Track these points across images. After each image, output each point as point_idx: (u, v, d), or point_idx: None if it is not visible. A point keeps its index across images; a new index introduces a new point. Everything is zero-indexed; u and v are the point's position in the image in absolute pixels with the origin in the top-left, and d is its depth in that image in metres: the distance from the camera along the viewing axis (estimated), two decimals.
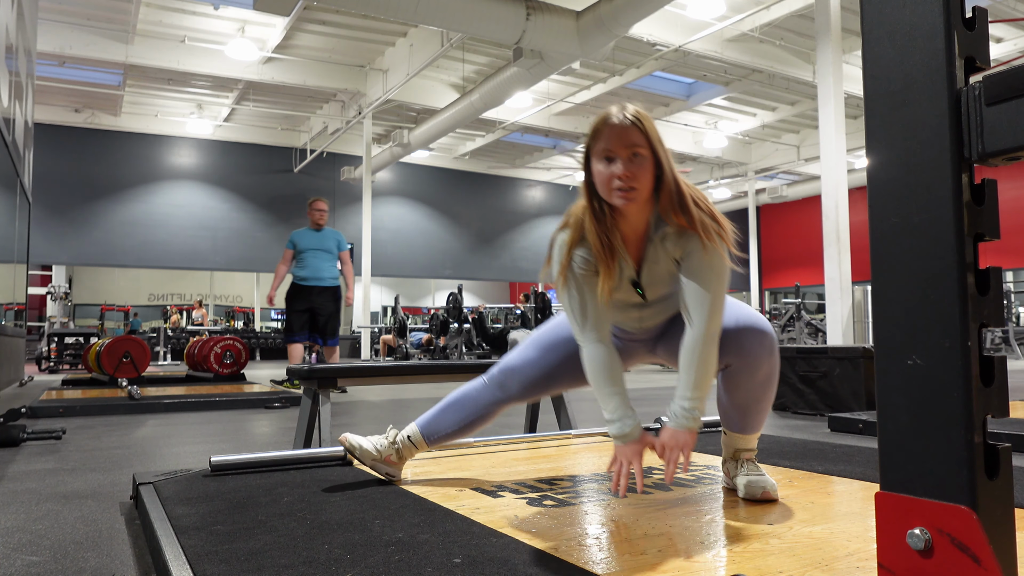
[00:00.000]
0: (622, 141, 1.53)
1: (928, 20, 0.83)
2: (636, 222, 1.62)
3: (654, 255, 1.63)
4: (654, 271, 1.65)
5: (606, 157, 1.54)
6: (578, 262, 1.64)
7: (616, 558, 1.28)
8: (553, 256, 1.68)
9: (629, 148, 1.53)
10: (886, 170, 0.87)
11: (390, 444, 1.96)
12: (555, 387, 1.91)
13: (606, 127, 1.54)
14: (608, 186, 1.54)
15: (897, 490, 0.86)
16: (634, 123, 1.53)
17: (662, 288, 1.69)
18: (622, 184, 1.52)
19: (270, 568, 1.23)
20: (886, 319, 0.87)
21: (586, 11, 9.27)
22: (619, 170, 1.52)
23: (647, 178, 1.55)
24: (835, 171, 7.49)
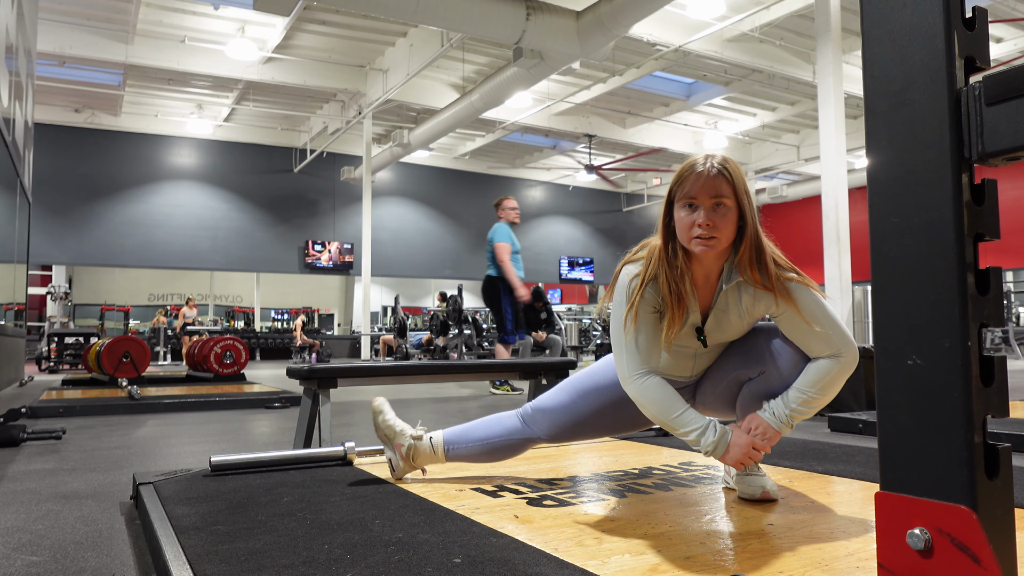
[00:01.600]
0: (707, 190, 1.51)
1: (928, 20, 0.83)
2: (710, 269, 1.60)
3: (724, 303, 1.61)
4: (721, 320, 1.63)
5: (689, 204, 1.53)
6: (646, 301, 1.60)
7: (616, 558, 1.28)
8: (618, 288, 1.64)
9: (714, 198, 1.51)
10: (886, 170, 0.87)
11: (412, 436, 1.94)
12: (584, 434, 1.88)
13: (692, 174, 1.53)
14: (688, 233, 1.53)
15: (897, 490, 0.86)
16: (721, 172, 1.52)
17: (724, 337, 1.67)
18: (703, 233, 1.51)
19: (270, 568, 1.23)
20: (886, 319, 0.87)
21: (586, 11, 9.26)
22: (701, 219, 1.51)
23: (729, 229, 1.53)
24: (835, 171, 7.49)
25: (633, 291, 1.60)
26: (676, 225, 1.56)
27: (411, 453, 1.94)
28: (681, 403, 1.59)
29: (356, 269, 17.82)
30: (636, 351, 1.61)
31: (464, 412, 4.76)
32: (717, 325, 1.64)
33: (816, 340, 1.56)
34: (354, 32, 12.24)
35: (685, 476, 2.01)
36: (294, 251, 17.71)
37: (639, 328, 1.60)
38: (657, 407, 1.59)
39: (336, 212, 18.22)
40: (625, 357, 1.62)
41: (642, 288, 1.60)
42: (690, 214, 1.53)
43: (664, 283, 1.58)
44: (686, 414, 1.57)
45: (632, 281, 1.61)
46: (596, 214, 21.96)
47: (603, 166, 17.33)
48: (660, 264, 1.59)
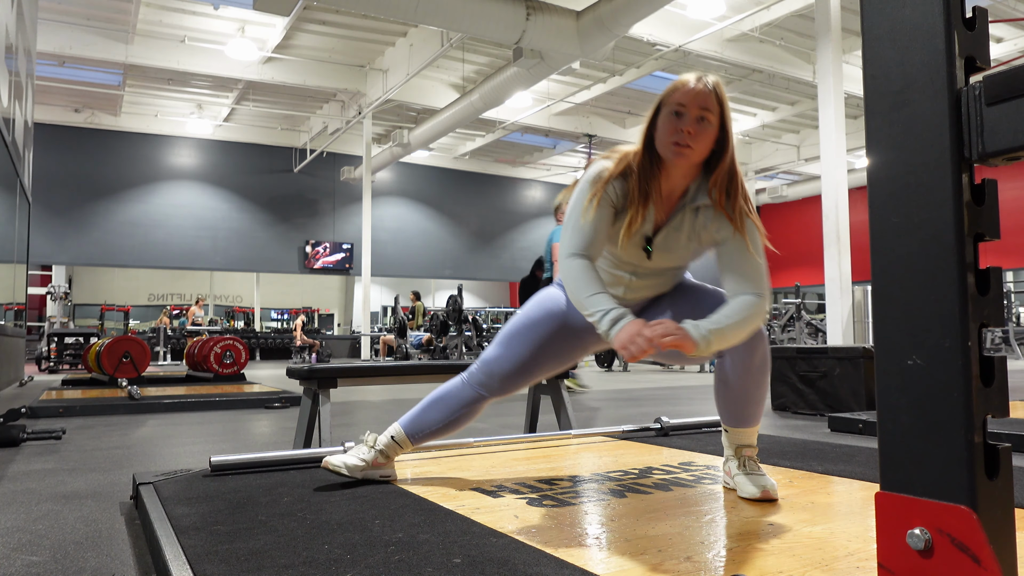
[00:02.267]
0: (696, 101, 1.58)
1: (928, 20, 0.83)
2: (676, 184, 1.65)
3: (678, 222, 1.67)
4: (671, 237, 1.68)
5: (676, 112, 1.58)
6: (610, 193, 1.65)
7: (616, 558, 1.28)
8: (585, 176, 1.69)
9: (701, 109, 1.57)
10: (886, 170, 0.87)
11: (373, 450, 1.94)
12: (531, 375, 1.89)
13: (686, 85, 1.60)
14: (668, 137, 1.58)
15: (897, 490, 0.86)
16: (712, 90, 1.60)
17: (669, 258, 1.72)
18: (682, 139, 1.56)
19: (270, 568, 1.23)
20: (886, 319, 0.87)
21: (586, 11, 9.27)
22: (685, 125, 1.56)
23: (705, 144, 1.59)
24: (835, 171, 7.49)
25: (601, 181, 1.65)
26: (658, 131, 1.60)
27: (387, 456, 1.95)
28: (599, 287, 1.61)
29: (356, 269, 17.81)
30: (583, 233, 1.64)
31: None
32: (665, 242, 1.69)
33: (750, 272, 1.62)
34: (354, 32, 12.24)
35: (685, 476, 2.01)
36: (294, 251, 17.71)
37: (596, 217, 1.64)
38: (576, 284, 1.62)
39: (336, 212, 18.21)
40: (570, 234, 1.66)
41: (609, 179, 1.65)
42: (675, 121, 1.58)
43: (635, 179, 1.63)
44: (598, 296, 1.60)
45: (602, 172, 1.66)
46: None
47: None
48: (636, 163, 1.63)
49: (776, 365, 4.71)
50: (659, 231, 1.68)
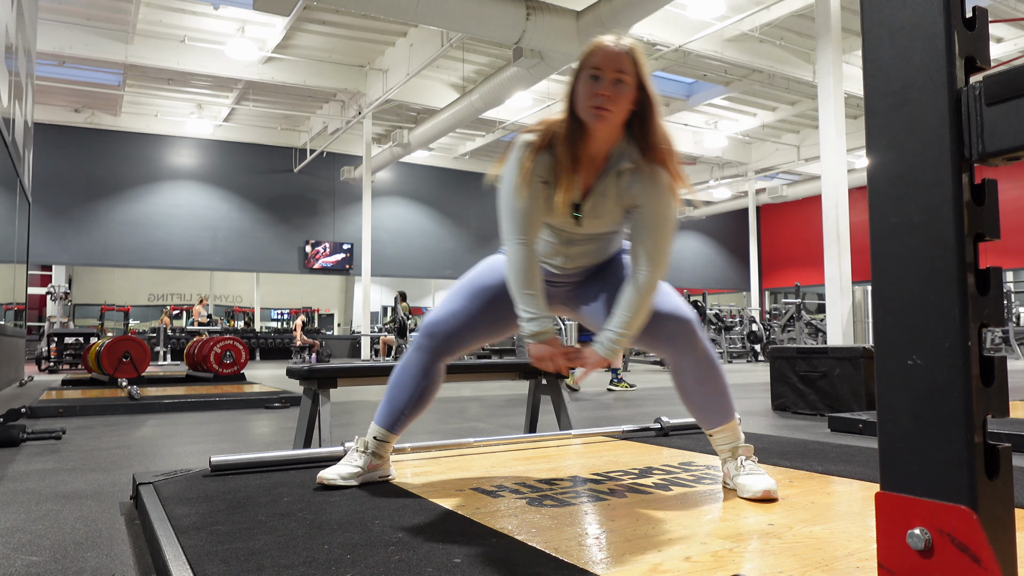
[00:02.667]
0: (611, 64, 1.58)
1: (928, 20, 0.83)
2: (599, 148, 1.66)
3: (603, 187, 1.68)
4: (599, 203, 1.69)
5: (593, 75, 1.59)
6: (538, 168, 1.66)
7: (616, 558, 1.28)
8: (512, 157, 1.68)
9: (616, 72, 1.58)
10: (886, 170, 0.87)
11: (364, 453, 1.92)
12: (478, 337, 1.88)
13: (601, 48, 1.60)
14: (587, 102, 1.58)
15: (897, 490, 0.86)
16: (628, 52, 1.60)
17: (599, 223, 1.73)
18: (600, 103, 1.57)
19: (270, 568, 1.23)
20: (886, 319, 0.87)
21: (586, 11, 9.27)
22: (601, 88, 1.57)
23: (623, 106, 1.59)
24: (835, 171, 7.49)
25: (526, 157, 1.65)
26: (577, 95, 1.61)
27: (380, 456, 1.94)
28: (536, 284, 1.68)
29: (356, 269, 17.81)
30: (520, 216, 1.67)
31: (463, 411, 4.76)
32: (593, 207, 1.70)
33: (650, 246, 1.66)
34: (354, 32, 12.24)
35: (685, 476, 2.01)
36: (294, 251, 17.71)
37: (526, 194, 1.66)
38: (516, 276, 1.68)
39: (336, 212, 18.21)
40: (509, 220, 1.69)
41: (535, 154, 1.65)
42: (593, 84, 1.59)
43: (563, 148, 1.63)
44: (534, 297, 1.67)
45: (526, 147, 1.66)
46: None
47: None
48: (561, 133, 1.64)
49: (776, 365, 4.71)
50: (587, 197, 1.69)
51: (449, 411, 4.83)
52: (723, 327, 14.99)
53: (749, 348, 15.40)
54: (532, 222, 1.68)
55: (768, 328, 15.55)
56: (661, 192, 1.64)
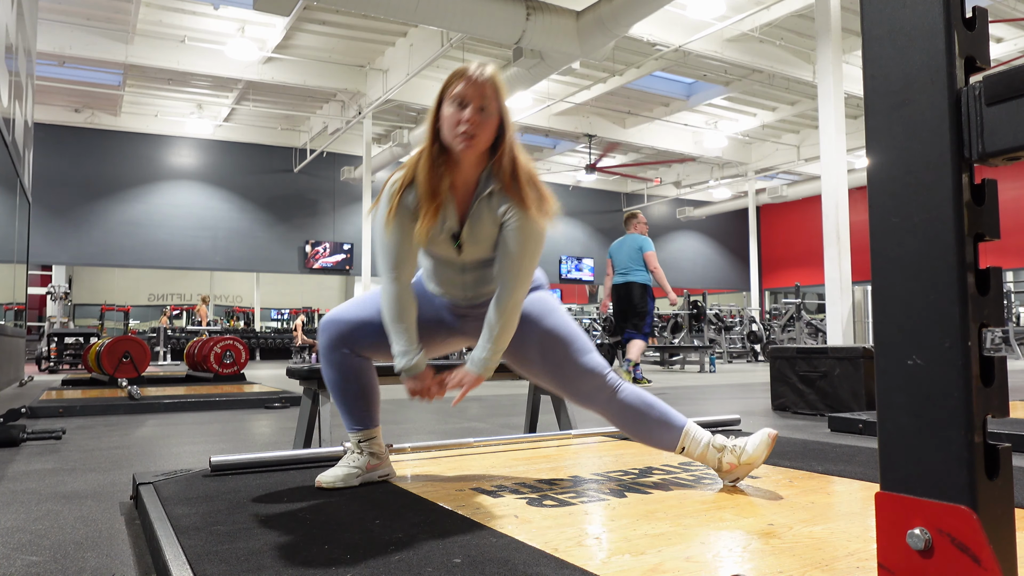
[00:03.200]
0: (476, 92, 1.66)
1: (928, 20, 0.83)
2: (468, 174, 1.73)
3: (478, 212, 1.74)
4: (476, 228, 1.75)
5: (459, 102, 1.66)
6: (405, 204, 1.73)
7: (616, 558, 1.28)
8: (383, 194, 1.76)
9: (481, 99, 1.66)
10: (886, 170, 0.87)
11: (360, 454, 1.92)
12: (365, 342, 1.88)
13: (465, 77, 1.67)
14: (454, 129, 1.66)
15: (897, 490, 0.86)
16: (490, 81, 1.68)
17: (481, 248, 1.77)
18: (467, 129, 1.64)
19: (270, 568, 1.23)
20: (886, 319, 0.87)
21: (586, 11, 9.26)
22: (467, 115, 1.65)
23: (488, 132, 1.68)
24: (835, 171, 7.49)
25: (394, 193, 1.72)
26: (443, 123, 1.68)
27: (376, 455, 1.94)
28: (407, 319, 1.75)
29: (356, 269, 17.81)
30: (391, 253, 1.74)
31: (463, 410, 4.76)
32: (472, 233, 1.75)
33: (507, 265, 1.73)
34: (354, 32, 12.23)
35: (685, 476, 2.01)
36: (294, 251, 17.70)
37: (395, 230, 1.73)
38: (389, 311, 1.75)
39: (336, 212, 18.21)
40: (380, 257, 1.77)
41: (402, 190, 1.72)
42: (458, 111, 1.66)
43: (424, 178, 1.69)
44: (405, 332, 1.75)
45: (394, 183, 1.74)
46: (596, 214, 21.96)
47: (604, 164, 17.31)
48: (423, 161, 1.70)
49: (776, 365, 4.71)
50: (464, 224, 1.75)
51: (449, 411, 4.83)
52: (723, 327, 15.00)
53: (749, 348, 15.40)
54: (402, 258, 1.74)
55: (768, 328, 15.56)
56: (524, 211, 1.70)
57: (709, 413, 4.03)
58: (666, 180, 21.53)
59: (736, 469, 1.81)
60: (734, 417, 3.08)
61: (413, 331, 1.76)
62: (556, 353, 1.82)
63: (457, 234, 1.76)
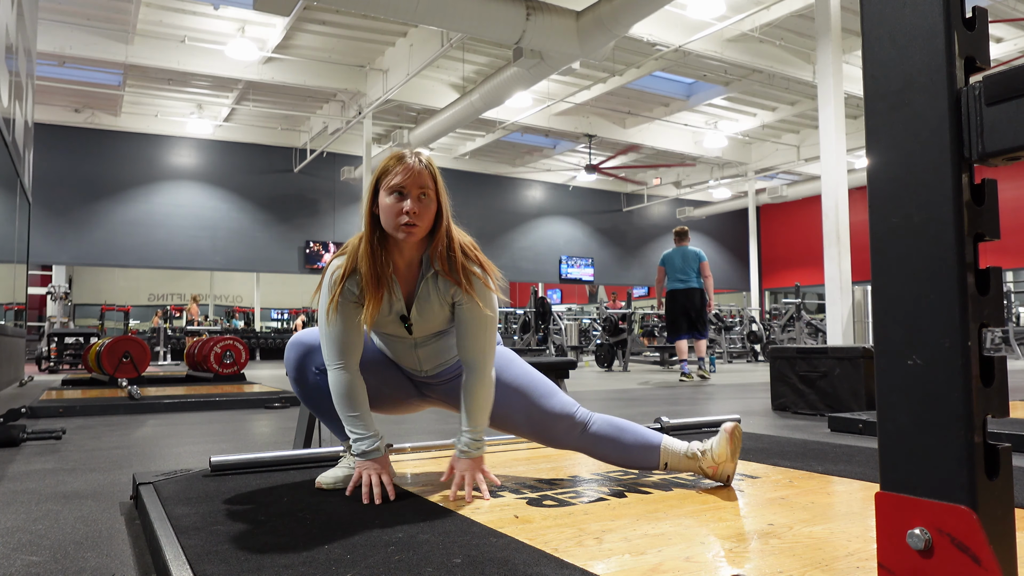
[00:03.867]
0: (415, 181, 1.68)
1: (928, 20, 0.83)
2: (410, 257, 1.76)
3: (425, 292, 1.77)
4: (424, 308, 1.78)
5: (398, 192, 1.68)
6: (347, 291, 1.73)
7: (616, 558, 1.28)
8: (324, 281, 1.77)
9: (420, 188, 1.68)
10: (886, 170, 0.87)
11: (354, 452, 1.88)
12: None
13: (402, 165, 1.68)
14: (395, 220, 1.67)
15: (897, 490, 0.86)
16: (427, 167, 1.70)
17: (432, 325, 1.81)
18: (409, 220, 1.66)
19: (270, 568, 1.23)
20: (886, 319, 0.87)
21: (586, 11, 9.26)
22: (409, 206, 1.66)
23: (429, 218, 1.70)
24: (835, 171, 7.49)
25: (335, 282, 1.73)
26: (382, 213, 1.70)
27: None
28: (360, 406, 1.75)
29: None
30: (335, 342, 1.74)
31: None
32: (420, 313, 1.78)
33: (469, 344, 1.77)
34: (354, 32, 12.24)
35: (685, 476, 2.01)
36: (294, 251, 17.71)
37: (339, 319, 1.74)
38: (340, 400, 1.74)
39: (336, 212, 18.21)
40: (326, 347, 1.76)
41: (343, 280, 1.73)
42: (397, 201, 1.67)
43: (367, 267, 1.70)
44: (358, 418, 1.74)
45: (335, 273, 1.74)
46: (596, 214, 21.96)
47: (603, 165, 17.31)
48: (364, 250, 1.71)
49: (776, 365, 4.71)
50: (411, 305, 1.78)
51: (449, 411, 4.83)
52: (723, 327, 14.99)
53: (749, 348, 15.40)
54: (348, 346, 1.75)
55: (768, 328, 15.56)
56: (472, 289, 1.74)
57: (709, 413, 4.03)
58: (666, 180, 21.53)
59: (718, 470, 1.83)
60: (734, 417, 3.08)
61: (368, 416, 1.76)
62: (522, 403, 1.85)
63: (405, 316, 1.78)
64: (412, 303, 1.78)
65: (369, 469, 1.73)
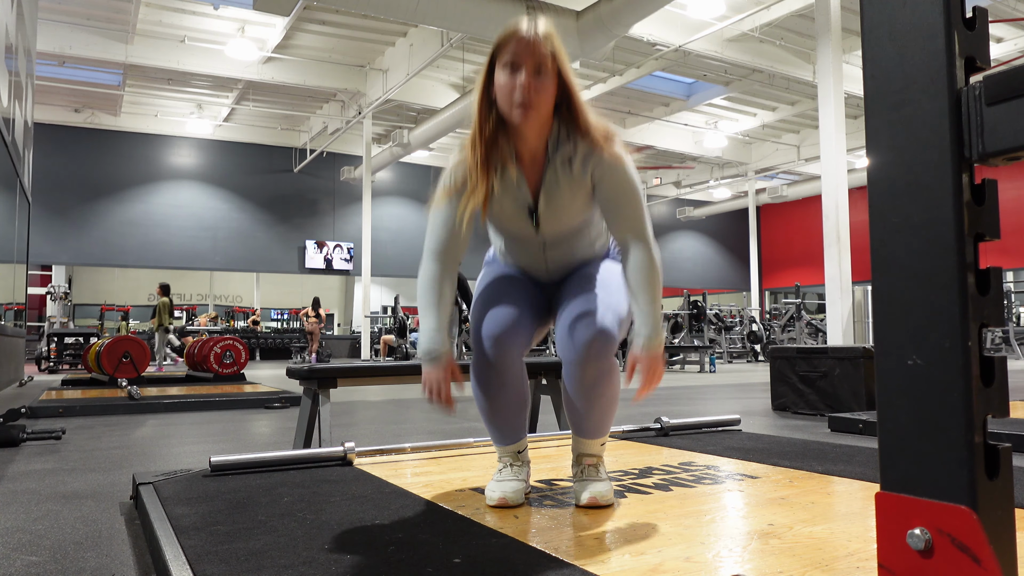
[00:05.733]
0: (530, 52, 1.48)
1: (928, 20, 0.83)
2: (534, 143, 1.56)
3: (554, 178, 1.57)
4: (552, 196, 1.58)
5: (511, 66, 1.48)
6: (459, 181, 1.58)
7: (616, 558, 1.28)
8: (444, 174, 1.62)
9: (536, 61, 1.48)
10: (886, 170, 0.87)
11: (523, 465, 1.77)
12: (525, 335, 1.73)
13: (515, 37, 1.49)
14: (509, 98, 1.49)
15: (897, 490, 0.86)
16: (546, 38, 1.49)
17: (561, 222, 1.62)
18: (523, 98, 1.47)
19: (270, 568, 1.23)
20: (886, 319, 0.87)
21: (586, 11, 9.27)
22: (523, 80, 1.47)
23: (549, 96, 1.50)
24: (835, 171, 7.49)
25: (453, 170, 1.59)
26: (497, 92, 1.51)
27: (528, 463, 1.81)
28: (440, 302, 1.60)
29: (356, 269, 17.80)
30: (435, 233, 1.61)
31: (463, 411, 4.76)
32: (548, 203, 1.59)
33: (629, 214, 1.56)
34: (354, 32, 12.24)
35: (685, 476, 2.01)
36: (294, 251, 17.70)
37: (445, 210, 1.59)
38: (421, 290, 1.62)
39: (336, 212, 18.21)
40: (428, 235, 1.63)
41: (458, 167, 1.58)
42: (512, 77, 1.48)
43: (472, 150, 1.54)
44: (433, 313, 1.59)
45: (455, 168, 1.59)
46: None
47: None
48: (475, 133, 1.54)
49: (776, 365, 4.71)
50: (538, 196, 1.59)
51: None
52: (723, 327, 15.00)
53: (749, 348, 15.41)
54: (449, 239, 1.60)
55: (768, 328, 15.56)
56: (615, 163, 1.55)
57: (709, 413, 4.03)
58: (666, 180, 21.53)
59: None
60: (734, 417, 3.08)
61: (444, 317, 1.60)
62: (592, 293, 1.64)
63: (533, 209, 1.60)
64: (540, 195, 1.59)
65: (435, 378, 1.56)
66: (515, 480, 1.71)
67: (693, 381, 8.27)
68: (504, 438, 1.72)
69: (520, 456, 1.74)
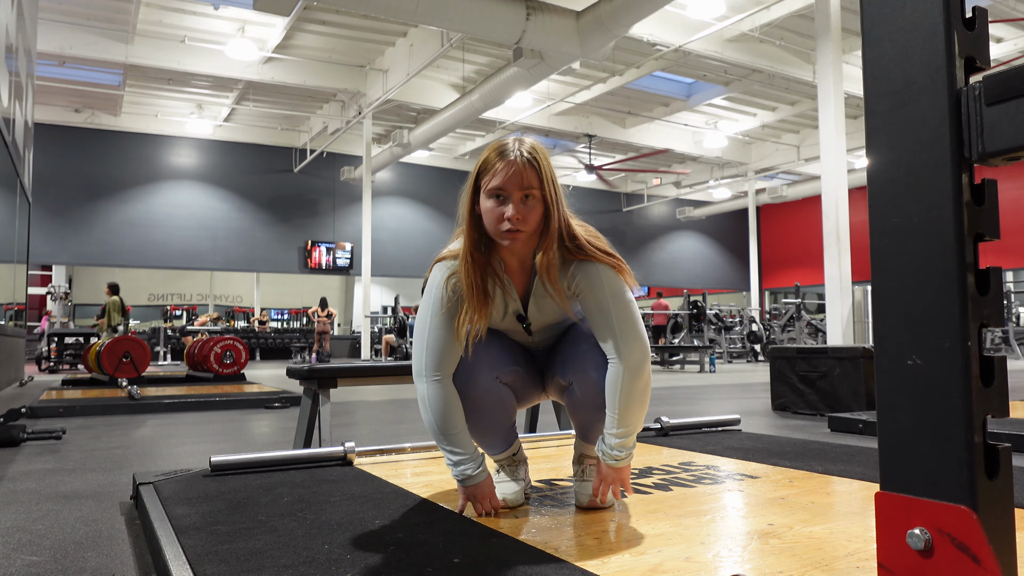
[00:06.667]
0: (517, 182, 1.47)
1: (928, 20, 0.83)
2: (523, 255, 1.58)
3: (541, 287, 1.58)
4: (540, 304, 1.61)
5: (498, 195, 1.48)
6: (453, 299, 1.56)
7: (616, 558, 1.28)
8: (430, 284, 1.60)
9: (523, 189, 1.47)
10: (886, 170, 0.87)
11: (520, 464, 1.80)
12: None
13: (503, 162, 1.47)
14: (498, 226, 1.48)
15: (897, 490, 0.86)
16: (531, 162, 1.48)
17: (548, 319, 1.65)
18: (512, 227, 1.47)
19: (270, 568, 1.23)
20: (886, 319, 0.87)
21: (586, 11, 9.26)
22: (510, 212, 1.46)
23: (536, 218, 1.50)
24: (835, 171, 7.49)
25: (441, 290, 1.56)
26: (484, 216, 1.50)
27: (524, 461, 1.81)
28: (459, 423, 1.57)
29: (356, 269, 17.80)
30: (435, 352, 1.56)
31: None
32: (538, 310, 1.62)
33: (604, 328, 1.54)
34: (354, 32, 12.23)
35: (685, 476, 2.01)
36: (294, 251, 17.70)
37: (442, 328, 1.55)
38: (435, 417, 1.56)
39: (336, 212, 18.20)
40: (424, 355, 1.57)
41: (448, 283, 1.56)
42: (498, 205, 1.48)
43: (466, 275, 1.52)
44: (457, 436, 1.56)
45: (449, 281, 1.56)
46: (596, 214, 21.94)
47: (603, 166, 17.31)
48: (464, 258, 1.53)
49: (776, 365, 4.71)
50: (528, 304, 1.62)
51: None
52: (723, 327, 15.00)
53: (749, 348, 15.41)
54: (448, 356, 1.56)
55: (768, 328, 15.55)
56: (597, 275, 1.54)
57: (709, 413, 4.03)
58: (666, 180, 21.53)
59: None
60: (734, 417, 3.08)
61: (467, 434, 1.58)
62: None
63: (523, 315, 1.63)
64: (528, 302, 1.61)
65: (477, 498, 1.58)
66: (513, 481, 1.73)
67: (693, 381, 8.27)
68: (493, 450, 1.74)
69: (515, 457, 1.76)
